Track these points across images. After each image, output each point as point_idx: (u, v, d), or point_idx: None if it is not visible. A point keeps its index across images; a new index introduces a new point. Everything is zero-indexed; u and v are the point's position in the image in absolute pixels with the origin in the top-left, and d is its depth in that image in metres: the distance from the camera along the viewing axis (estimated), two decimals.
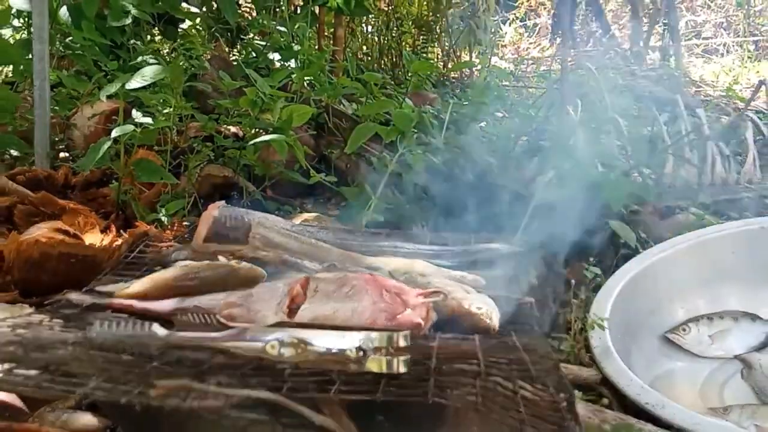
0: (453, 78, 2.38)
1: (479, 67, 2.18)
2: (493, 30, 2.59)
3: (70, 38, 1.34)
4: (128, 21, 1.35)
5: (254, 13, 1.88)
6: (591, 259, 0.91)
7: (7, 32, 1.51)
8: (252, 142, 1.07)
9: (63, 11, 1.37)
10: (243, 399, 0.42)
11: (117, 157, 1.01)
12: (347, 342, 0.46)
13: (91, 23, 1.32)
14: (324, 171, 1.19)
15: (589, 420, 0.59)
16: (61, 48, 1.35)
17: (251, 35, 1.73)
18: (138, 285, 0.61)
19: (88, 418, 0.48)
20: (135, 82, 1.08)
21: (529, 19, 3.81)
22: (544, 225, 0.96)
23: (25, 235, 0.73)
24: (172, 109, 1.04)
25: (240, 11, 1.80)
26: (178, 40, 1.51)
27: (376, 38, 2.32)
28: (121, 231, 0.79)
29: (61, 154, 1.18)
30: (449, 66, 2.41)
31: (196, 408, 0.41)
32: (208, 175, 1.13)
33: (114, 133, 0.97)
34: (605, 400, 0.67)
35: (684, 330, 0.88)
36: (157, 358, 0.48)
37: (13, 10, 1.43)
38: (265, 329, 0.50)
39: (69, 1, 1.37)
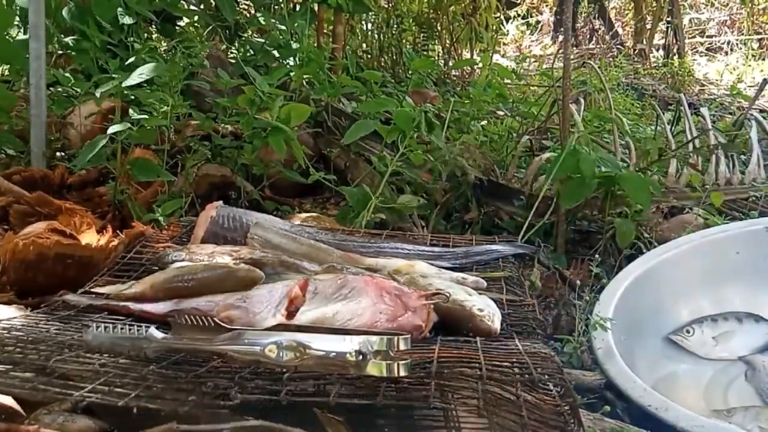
0: (454, 76, 2.37)
1: (480, 65, 2.17)
2: (494, 27, 2.57)
3: (72, 36, 1.33)
4: (130, 21, 1.34)
5: (252, 11, 1.86)
6: (595, 259, 0.90)
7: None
8: (248, 132, 1.05)
9: (66, 11, 1.35)
10: (240, 403, 0.42)
11: (114, 157, 1.00)
12: (347, 345, 0.46)
13: (95, 22, 1.31)
14: (323, 170, 1.16)
15: (588, 429, 0.59)
16: (58, 47, 1.34)
17: (249, 33, 1.71)
18: (134, 286, 0.61)
19: (84, 421, 0.48)
20: (132, 80, 1.06)
21: (531, 17, 3.78)
22: (547, 225, 0.95)
23: (21, 235, 0.72)
24: (169, 108, 1.03)
25: (238, 8, 1.78)
26: (176, 37, 1.50)
27: (376, 36, 2.31)
28: (118, 231, 0.78)
29: (58, 154, 1.17)
30: (450, 64, 2.40)
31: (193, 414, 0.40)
32: (205, 174, 1.12)
33: (110, 130, 0.96)
34: (606, 408, 0.66)
35: (688, 331, 0.87)
36: (154, 362, 0.48)
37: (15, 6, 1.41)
38: (264, 332, 0.50)
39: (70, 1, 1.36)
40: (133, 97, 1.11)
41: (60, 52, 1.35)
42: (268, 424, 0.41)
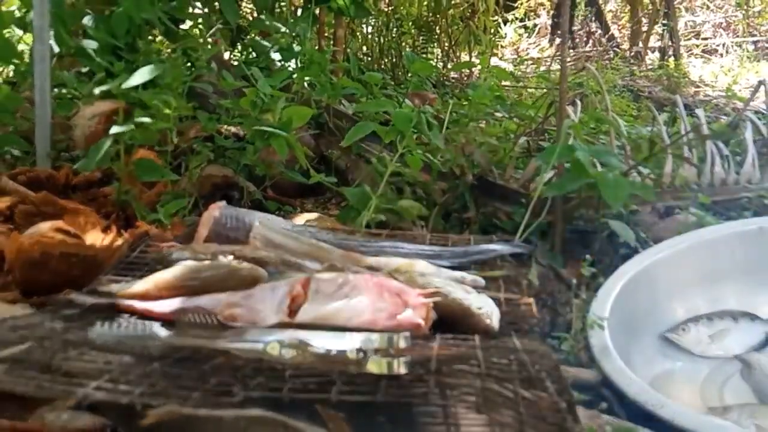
0: (453, 78, 2.38)
1: (479, 67, 2.19)
2: (492, 30, 2.59)
3: (79, 38, 1.34)
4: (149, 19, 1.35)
5: (255, 14, 1.88)
6: (590, 258, 0.91)
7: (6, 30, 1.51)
8: (251, 132, 1.06)
9: (87, 19, 1.37)
10: (243, 400, 0.42)
11: (118, 157, 1.01)
12: (347, 343, 0.46)
13: (106, 27, 1.33)
14: (324, 171, 1.18)
15: (585, 426, 0.59)
16: (65, 48, 1.35)
17: (252, 35, 1.73)
18: (139, 285, 0.61)
19: (88, 418, 0.48)
20: (132, 81, 1.07)
21: (528, 20, 3.81)
22: (544, 225, 0.96)
23: (26, 235, 0.72)
24: (172, 110, 1.04)
25: (241, 11, 1.80)
26: (179, 40, 1.51)
27: (376, 39, 2.32)
28: (122, 231, 0.79)
29: (62, 154, 1.18)
30: (449, 66, 2.41)
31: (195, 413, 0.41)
32: (208, 175, 1.13)
33: (112, 131, 0.97)
34: (603, 404, 0.67)
35: (683, 330, 0.88)
36: (158, 359, 0.48)
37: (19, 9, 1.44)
38: (266, 330, 0.50)
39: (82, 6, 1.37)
40: (135, 100, 1.12)
41: (65, 53, 1.36)
42: (270, 415, 0.42)
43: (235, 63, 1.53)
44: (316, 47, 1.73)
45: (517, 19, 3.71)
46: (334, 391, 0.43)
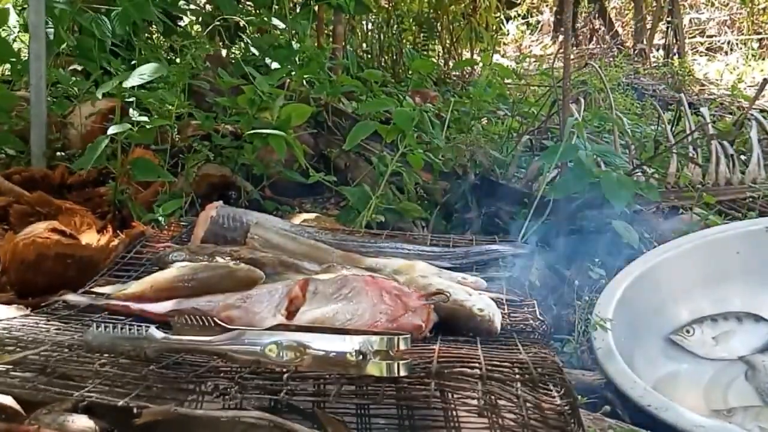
0: (454, 75, 2.37)
1: (481, 65, 2.17)
2: (494, 27, 2.57)
3: (76, 35, 1.33)
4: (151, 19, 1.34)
5: (253, 11, 1.86)
6: (594, 259, 0.90)
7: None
8: (248, 132, 1.05)
9: (85, 17, 1.35)
10: (240, 403, 0.42)
11: (114, 156, 1.00)
12: (347, 345, 0.46)
13: (106, 27, 1.31)
14: (323, 170, 1.17)
15: (588, 429, 0.59)
16: (69, 49, 1.34)
17: (250, 31, 1.71)
18: (135, 286, 0.61)
19: (85, 421, 0.48)
20: (134, 80, 1.06)
21: (531, 17, 3.79)
22: (546, 225, 0.95)
23: (21, 235, 0.72)
24: (173, 107, 1.03)
25: (240, 7, 1.79)
26: (178, 37, 1.50)
27: (377, 35, 2.31)
28: (118, 231, 0.78)
29: (58, 154, 1.17)
30: (450, 64, 2.40)
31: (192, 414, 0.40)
32: (205, 174, 1.12)
33: (111, 131, 0.96)
34: (607, 407, 0.66)
35: (688, 331, 0.87)
36: (154, 361, 0.48)
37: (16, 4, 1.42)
38: (264, 332, 0.50)
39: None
40: (132, 98, 1.11)
41: (62, 51, 1.35)
42: (268, 416, 0.41)
43: (233, 60, 1.52)
44: (315, 44, 1.71)
45: (519, 15, 3.69)
46: (333, 393, 0.42)
